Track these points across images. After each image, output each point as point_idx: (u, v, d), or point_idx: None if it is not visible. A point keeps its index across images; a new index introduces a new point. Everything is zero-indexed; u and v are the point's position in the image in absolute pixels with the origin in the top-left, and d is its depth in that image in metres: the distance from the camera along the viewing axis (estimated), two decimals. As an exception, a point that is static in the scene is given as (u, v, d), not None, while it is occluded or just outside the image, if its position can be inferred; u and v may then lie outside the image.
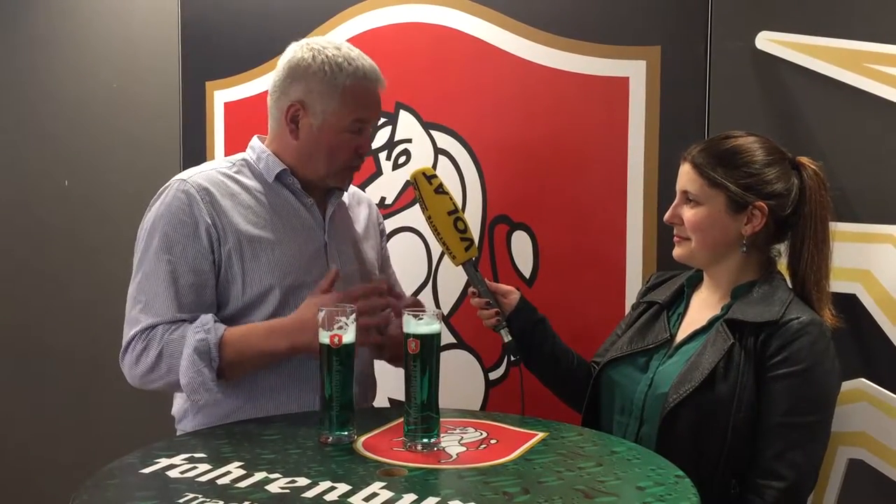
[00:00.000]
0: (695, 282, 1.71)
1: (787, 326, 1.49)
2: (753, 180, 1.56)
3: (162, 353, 1.63)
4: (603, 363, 1.70)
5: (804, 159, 1.61)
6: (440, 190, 1.76)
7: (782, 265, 1.66)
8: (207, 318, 1.64)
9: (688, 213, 1.59)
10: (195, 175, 1.73)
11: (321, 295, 1.65)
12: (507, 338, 1.74)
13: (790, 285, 1.62)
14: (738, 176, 1.56)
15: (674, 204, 1.63)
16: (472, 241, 1.76)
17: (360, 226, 1.93)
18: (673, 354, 1.61)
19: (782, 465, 1.47)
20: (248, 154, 1.81)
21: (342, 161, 1.75)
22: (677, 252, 1.64)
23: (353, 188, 1.96)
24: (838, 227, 1.78)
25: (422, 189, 1.76)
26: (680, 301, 1.71)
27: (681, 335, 1.64)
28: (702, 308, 1.65)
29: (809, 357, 1.48)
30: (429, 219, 1.76)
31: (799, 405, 1.47)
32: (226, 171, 1.76)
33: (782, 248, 1.65)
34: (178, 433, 1.78)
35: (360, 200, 1.98)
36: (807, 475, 1.50)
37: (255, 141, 1.82)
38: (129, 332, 1.67)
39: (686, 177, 1.60)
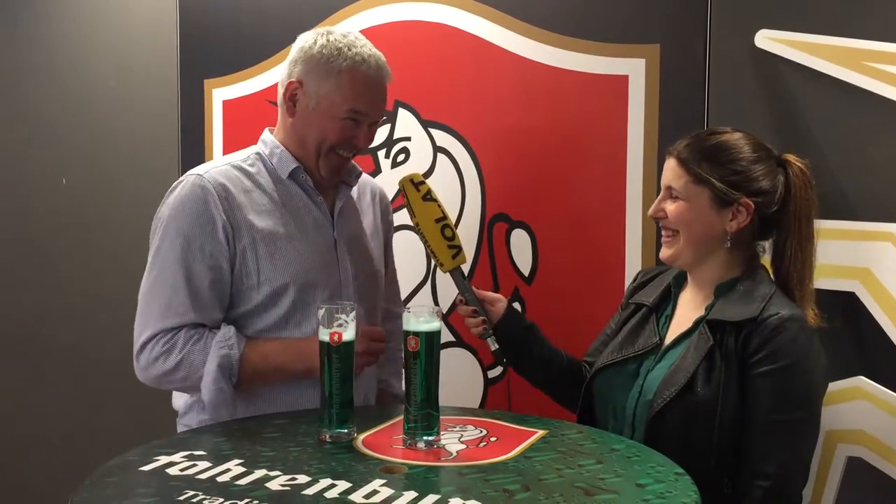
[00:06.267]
0: (681, 281, 1.70)
1: (766, 323, 1.48)
2: (740, 177, 1.54)
3: (182, 361, 1.64)
4: (594, 370, 1.69)
5: (790, 156, 1.60)
6: (428, 197, 1.75)
7: (766, 261, 1.65)
8: (230, 333, 1.65)
9: (671, 207, 1.58)
10: (212, 170, 1.72)
11: None
12: (494, 346, 1.74)
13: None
14: (725, 172, 1.54)
15: (658, 199, 1.62)
16: (459, 248, 1.76)
17: (367, 219, 1.92)
18: (661, 359, 1.60)
19: (769, 463, 1.46)
20: (261, 147, 1.80)
21: (331, 143, 1.72)
22: (665, 253, 1.63)
23: (364, 177, 1.95)
24: (838, 225, 1.79)
25: (409, 196, 1.76)
26: (668, 302, 1.70)
27: (669, 338, 1.63)
28: (688, 309, 1.65)
29: (791, 353, 1.46)
30: (416, 225, 1.76)
31: (783, 402, 1.46)
32: (241, 166, 1.75)
33: (766, 244, 1.64)
34: (179, 428, 1.79)
35: (364, 189, 1.96)
36: (795, 472, 1.49)
37: (266, 134, 1.82)
38: (145, 332, 1.66)
39: (671, 172, 1.59)
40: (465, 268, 2.29)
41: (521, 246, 2.23)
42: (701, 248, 1.59)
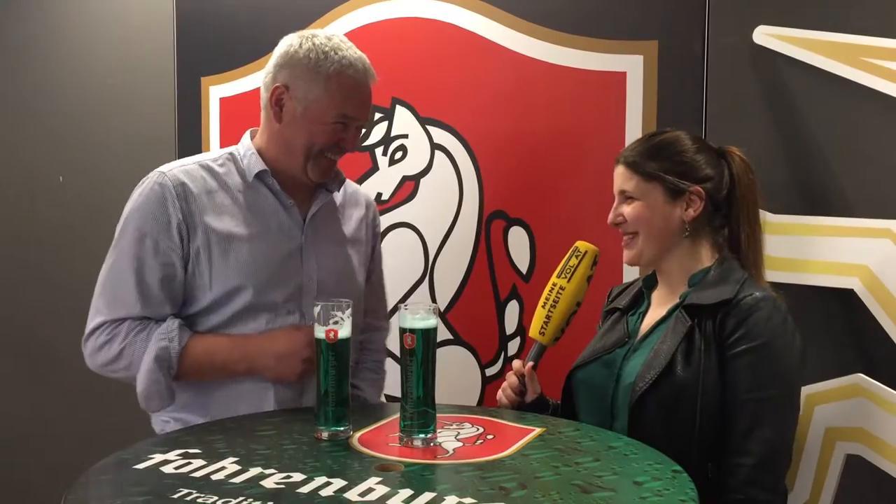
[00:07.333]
0: (651, 283, 1.73)
1: (740, 304, 1.52)
2: (687, 167, 1.61)
3: (123, 351, 1.67)
4: (570, 371, 1.71)
5: (731, 147, 1.65)
6: (589, 280, 1.71)
7: None
8: (173, 326, 1.67)
9: (628, 210, 1.63)
10: (175, 168, 1.74)
11: (292, 331, 1.69)
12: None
13: None
14: (671, 165, 1.61)
15: (614, 205, 1.66)
16: (563, 334, 1.72)
17: (349, 227, 1.90)
18: (638, 348, 1.63)
19: (750, 441, 1.48)
20: (237, 148, 1.81)
21: (320, 146, 1.72)
22: (627, 255, 1.67)
23: (354, 187, 1.96)
24: (836, 222, 1.79)
25: (581, 266, 1.70)
26: (641, 302, 1.73)
27: (644, 330, 1.66)
28: (661, 302, 1.68)
29: (765, 332, 1.50)
30: (560, 290, 1.69)
31: (760, 380, 1.49)
32: (208, 165, 1.76)
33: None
34: (153, 421, 1.79)
35: (357, 201, 1.95)
36: (777, 450, 1.51)
37: (245, 135, 1.82)
38: (94, 320, 1.71)
39: (621, 177, 1.65)
40: (463, 266, 2.30)
41: (519, 243, 2.22)
42: (662, 242, 1.63)
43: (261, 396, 1.71)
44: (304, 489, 1.19)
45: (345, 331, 1.43)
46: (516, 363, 1.73)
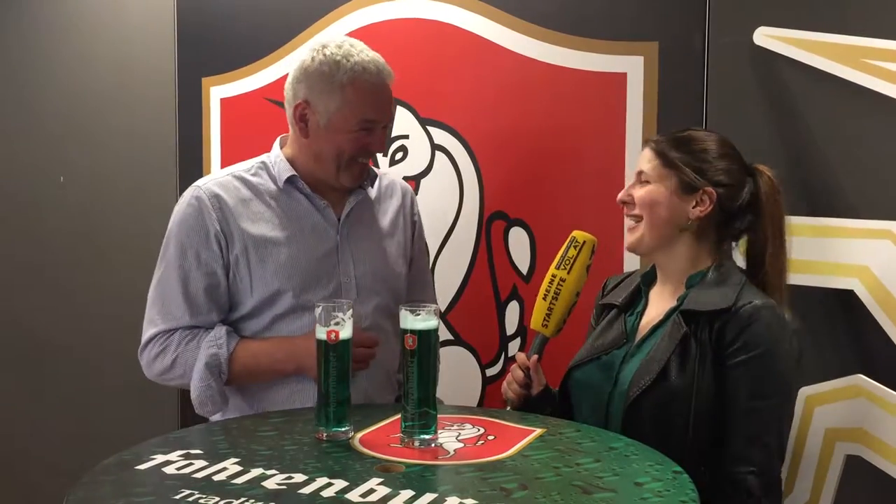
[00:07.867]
0: (649, 279, 1.73)
1: (740, 313, 1.52)
2: (705, 166, 1.61)
3: (177, 360, 1.75)
4: (567, 370, 1.71)
5: (761, 166, 1.65)
6: (588, 269, 1.70)
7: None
8: (221, 333, 1.74)
9: (640, 192, 1.64)
10: (209, 182, 1.80)
11: None
12: (509, 407, 1.73)
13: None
14: (692, 160, 1.61)
15: (628, 185, 1.67)
16: (563, 325, 1.72)
17: (385, 220, 1.92)
18: (636, 352, 1.63)
19: (753, 449, 1.49)
20: (268, 156, 1.85)
21: (349, 154, 1.76)
22: (628, 239, 1.67)
23: (389, 178, 1.98)
24: (837, 223, 1.79)
25: (581, 257, 1.69)
26: (638, 300, 1.72)
27: (642, 331, 1.66)
28: (659, 302, 1.68)
29: (766, 341, 1.50)
30: (561, 281, 1.68)
31: (761, 389, 1.50)
32: (241, 175, 1.81)
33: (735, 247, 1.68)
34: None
35: (394, 192, 1.96)
36: (776, 455, 1.54)
37: (276, 142, 1.87)
38: (147, 332, 1.79)
39: (644, 158, 1.66)
40: (463, 267, 2.30)
41: (519, 244, 2.23)
42: (664, 233, 1.63)
43: (309, 396, 1.73)
44: (306, 490, 1.19)
45: (346, 332, 1.44)
46: (520, 356, 1.73)
